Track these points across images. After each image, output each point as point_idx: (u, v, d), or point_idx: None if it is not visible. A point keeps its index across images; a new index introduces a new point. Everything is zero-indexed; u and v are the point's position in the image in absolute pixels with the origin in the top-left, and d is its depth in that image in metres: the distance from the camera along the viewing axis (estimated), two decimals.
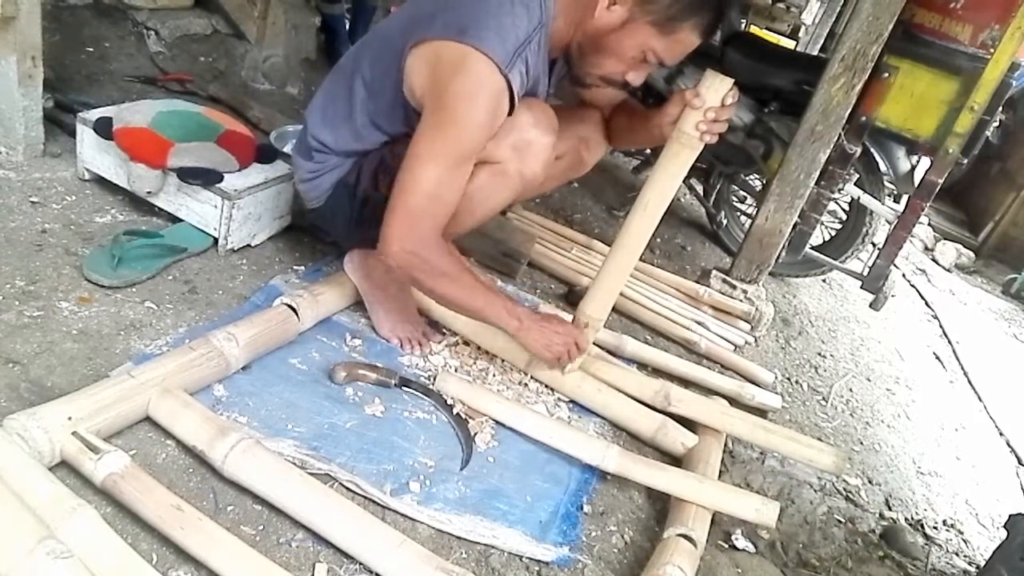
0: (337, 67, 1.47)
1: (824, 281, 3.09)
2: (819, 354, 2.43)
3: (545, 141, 1.36)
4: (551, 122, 1.38)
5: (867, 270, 2.45)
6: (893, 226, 2.33)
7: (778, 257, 2.40)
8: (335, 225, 1.55)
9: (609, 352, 1.79)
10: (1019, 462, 2.34)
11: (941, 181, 2.15)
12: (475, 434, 1.38)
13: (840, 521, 1.63)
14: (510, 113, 1.27)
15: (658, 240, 2.79)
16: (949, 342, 3.09)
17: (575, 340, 1.48)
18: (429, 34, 1.23)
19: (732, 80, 1.34)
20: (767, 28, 5.80)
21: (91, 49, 2.31)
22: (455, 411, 1.42)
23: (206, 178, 1.58)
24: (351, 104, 1.39)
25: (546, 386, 1.60)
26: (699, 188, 3.10)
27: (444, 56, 1.21)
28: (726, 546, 1.39)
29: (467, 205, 1.39)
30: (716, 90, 1.32)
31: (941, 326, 3.24)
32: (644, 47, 1.29)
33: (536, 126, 1.35)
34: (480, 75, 1.19)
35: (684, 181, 3.20)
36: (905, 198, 2.44)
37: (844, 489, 1.75)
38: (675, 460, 1.52)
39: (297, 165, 1.51)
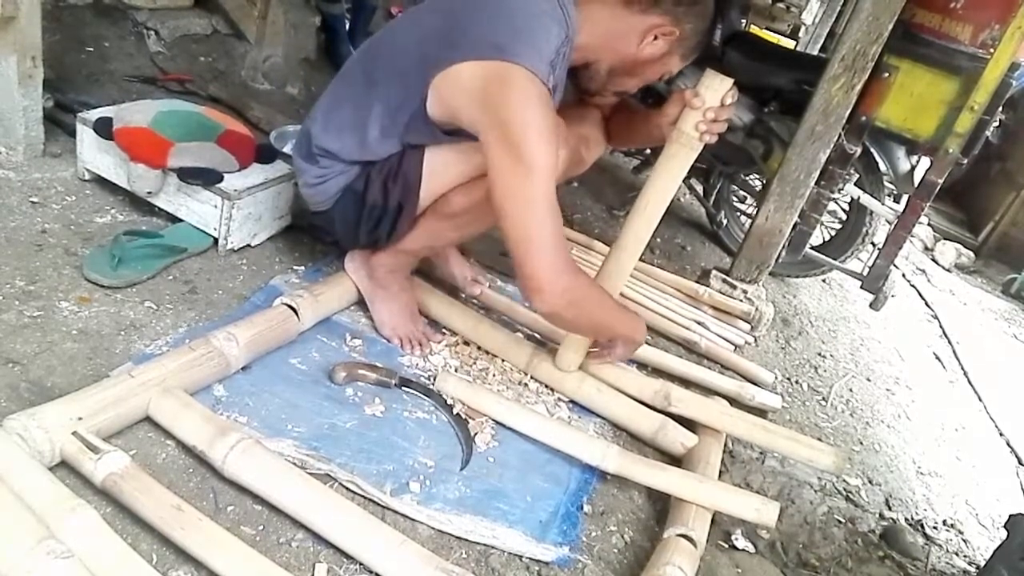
0: (343, 74, 1.45)
1: (824, 281, 3.09)
2: (819, 354, 2.43)
3: (560, 155, 1.32)
4: (563, 135, 1.35)
5: (867, 270, 2.45)
6: (893, 226, 2.33)
7: (778, 257, 2.40)
8: (341, 229, 1.55)
9: None
10: (1019, 462, 2.34)
11: (941, 181, 2.15)
12: (475, 434, 1.38)
13: (840, 521, 1.63)
14: None
15: (658, 240, 2.79)
16: (949, 342, 3.09)
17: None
18: (460, 55, 1.21)
19: (732, 80, 1.35)
20: (767, 28, 5.80)
21: (91, 49, 2.31)
22: (455, 411, 1.42)
23: (206, 178, 1.58)
24: (363, 116, 1.36)
25: (546, 386, 1.60)
26: (699, 188, 3.10)
27: (488, 77, 1.18)
28: (726, 546, 1.39)
29: (474, 215, 1.41)
30: (716, 90, 1.33)
31: (941, 326, 3.23)
32: (667, 70, 1.41)
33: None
34: (529, 87, 1.18)
35: (684, 181, 3.20)
36: (905, 198, 2.44)
37: (844, 489, 1.75)
38: (675, 460, 1.52)
39: (301, 169, 1.48)
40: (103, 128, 1.60)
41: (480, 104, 1.20)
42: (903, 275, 3.71)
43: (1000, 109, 2.09)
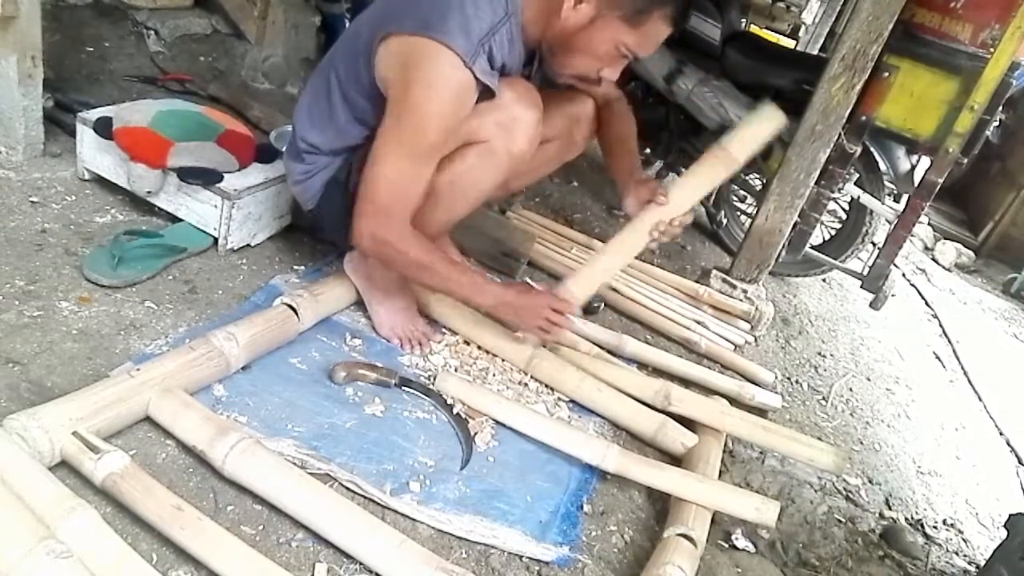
0: (318, 68, 1.48)
1: (824, 281, 3.09)
2: (819, 354, 2.43)
3: (530, 116, 1.36)
4: (534, 98, 1.37)
5: (867, 269, 2.45)
6: (893, 225, 2.33)
7: (778, 257, 2.40)
8: (331, 224, 1.55)
9: (609, 352, 1.78)
10: (1019, 462, 2.34)
11: (941, 180, 2.15)
12: (475, 434, 1.38)
13: (840, 521, 1.63)
14: (489, 99, 1.29)
15: None
16: (949, 342, 3.09)
17: (551, 306, 1.46)
18: (396, 29, 1.24)
19: (691, 208, 1.50)
20: (767, 28, 5.80)
21: (91, 49, 2.31)
22: (455, 411, 1.42)
23: (206, 178, 1.58)
24: (330, 102, 1.40)
25: (546, 386, 1.60)
26: None
27: (409, 51, 1.22)
28: (726, 546, 1.39)
29: (459, 188, 1.41)
30: (683, 203, 1.40)
31: (941, 326, 3.23)
32: (615, 42, 1.31)
33: (519, 102, 1.35)
34: (441, 68, 1.21)
35: None
36: (905, 197, 2.44)
37: (844, 489, 1.75)
38: (675, 460, 1.52)
39: (289, 169, 1.52)
40: (103, 128, 1.60)
41: (398, 72, 1.25)
42: (903, 275, 3.71)
43: (1000, 109, 2.09)
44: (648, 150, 3.09)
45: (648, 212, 1.53)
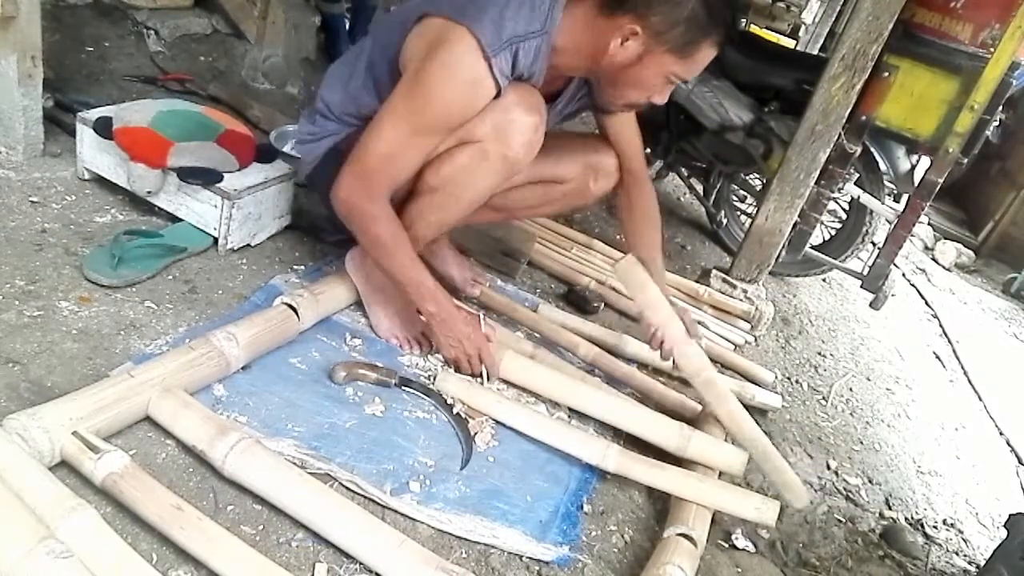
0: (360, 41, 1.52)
1: (824, 280, 3.09)
2: (819, 353, 2.43)
3: (527, 120, 1.35)
4: (535, 102, 1.37)
5: (867, 269, 2.45)
6: (893, 225, 2.34)
7: (778, 256, 2.40)
8: (322, 192, 1.53)
9: (609, 352, 1.78)
10: (1019, 462, 2.34)
11: (941, 180, 2.15)
12: (475, 434, 1.38)
13: (840, 520, 1.63)
14: (496, 98, 1.30)
15: None
16: (949, 341, 3.09)
17: (479, 349, 1.47)
18: (434, 11, 1.27)
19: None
20: (767, 27, 5.81)
21: (91, 49, 2.31)
22: (455, 411, 1.42)
23: (206, 178, 1.58)
24: (355, 65, 1.43)
25: None
26: (699, 187, 3.10)
27: (438, 31, 1.25)
28: (726, 545, 1.39)
29: (451, 188, 1.40)
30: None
31: (941, 325, 3.24)
32: (665, 74, 1.32)
33: (519, 105, 1.34)
34: (460, 52, 1.22)
35: (684, 180, 3.22)
36: (905, 197, 2.44)
37: (844, 488, 1.75)
38: (675, 460, 1.52)
39: (301, 128, 1.56)
40: (103, 128, 1.60)
41: (422, 48, 1.27)
42: (903, 274, 3.71)
43: (1000, 108, 2.09)
44: (648, 150, 3.09)
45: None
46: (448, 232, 1.70)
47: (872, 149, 2.41)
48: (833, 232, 2.85)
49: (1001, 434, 2.47)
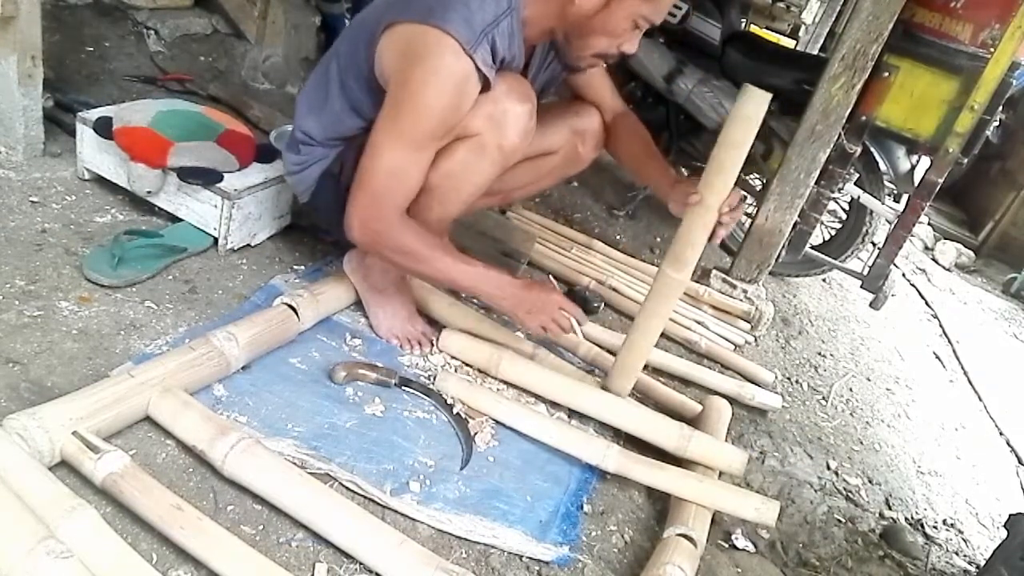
0: (321, 60, 1.47)
1: (824, 281, 3.09)
2: (819, 353, 2.43)
3: (520, 109, 1.35)
4: (525, 90, 1.37)
5: (867, 269, 2.45)
6: (893, 225, 2.33)
7: (778, 257, 2.40)
8: (326, 217, 1.55)
9: (609, 351, 1.78)
10: (1019, 462, 2.34)
11: (941, 180, 2.15)
12: (475, 434, 1.38)
13: (840, 521, 1.63)
14: (486, 91, 1.28)
15: (658, 240, 2.79)
16: (949, 341, 3.09)
17: (560, 305, 1.45)
18: (400, 17, 1.24)
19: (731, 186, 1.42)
20: (767, 28, 5.81)
21: (91, 49, 2.31)
22: (455, 411, 1.42)
23: (206, 178, 1.58)
24: (328, 91, 1.40)
25: None
26: None
27: (410, 38, 1.22)
28: (726, 546, 1.39)
29: (451, 183, 1.40)
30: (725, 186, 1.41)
31: (941, 325, 3.23)
32: (632, 16, 1.30)
33: (509, 95, 1.34)
34: (441, 56, 1.20)
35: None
36: (905, 197, 2.44)
37: (844, 488, 1.75)
38: (676, 460, 1.52)
39: (285, 159, 1.53)
40: (103, 128, 1.60)
41: (398, 62, 1.25)
42: (903, 274, 3.71)
43: (1000, 109, 2.09)
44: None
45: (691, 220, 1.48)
46: (449, 231, 1.70)
47: (872, 149, 2.41)
48: (833, 232, 2.85)
49: (1001, 434, 2.47)
